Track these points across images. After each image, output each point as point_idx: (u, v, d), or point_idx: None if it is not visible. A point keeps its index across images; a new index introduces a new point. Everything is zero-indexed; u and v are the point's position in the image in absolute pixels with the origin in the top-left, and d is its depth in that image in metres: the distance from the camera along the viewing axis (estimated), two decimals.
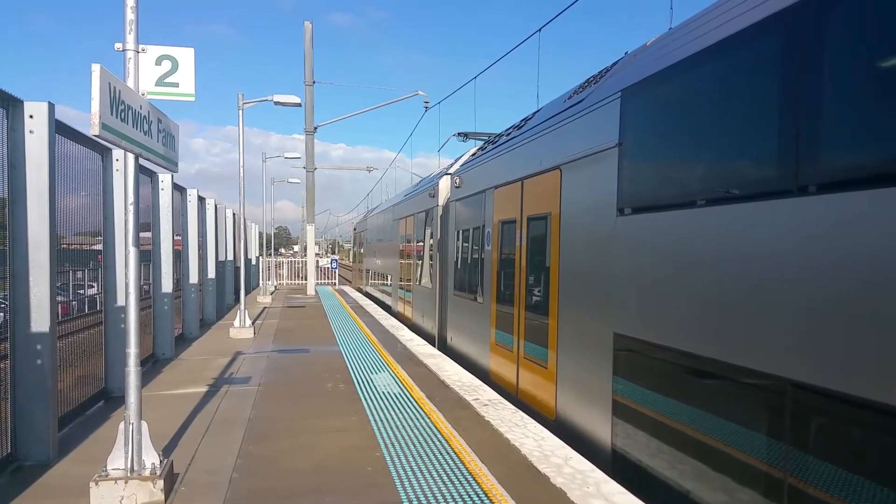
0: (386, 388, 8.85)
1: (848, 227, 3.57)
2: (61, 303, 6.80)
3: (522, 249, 9.08)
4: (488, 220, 10.71)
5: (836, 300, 3.59)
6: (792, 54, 4.15)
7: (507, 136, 10.80)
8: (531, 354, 8.60)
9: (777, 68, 4.31)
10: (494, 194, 10.43)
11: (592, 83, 7.83)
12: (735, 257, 4.51)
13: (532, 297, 8.64)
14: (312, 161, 29.13)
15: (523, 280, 8.97)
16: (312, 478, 5.44)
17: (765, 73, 4.45)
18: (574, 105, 7.65)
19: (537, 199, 8.50)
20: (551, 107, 9.16)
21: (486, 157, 11.39)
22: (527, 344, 8.80)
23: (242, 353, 11.92)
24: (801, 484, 3.72)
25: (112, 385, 8.10)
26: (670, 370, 5.31)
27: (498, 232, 10.21)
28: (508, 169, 9.83)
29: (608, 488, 5.17)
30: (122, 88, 4.49)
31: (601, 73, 7.92)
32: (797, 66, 4.09)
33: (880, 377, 3.14)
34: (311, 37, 27.56)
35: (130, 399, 4.90)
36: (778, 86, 4.28)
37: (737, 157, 4.77)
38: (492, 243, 10.51)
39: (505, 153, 10.18)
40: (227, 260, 21.10)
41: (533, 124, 9.31)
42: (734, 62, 4.79)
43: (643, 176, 5.97)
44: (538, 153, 8.54)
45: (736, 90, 4.78)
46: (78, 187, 7.05)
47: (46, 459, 5.70)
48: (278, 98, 15.97)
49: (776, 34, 4.29)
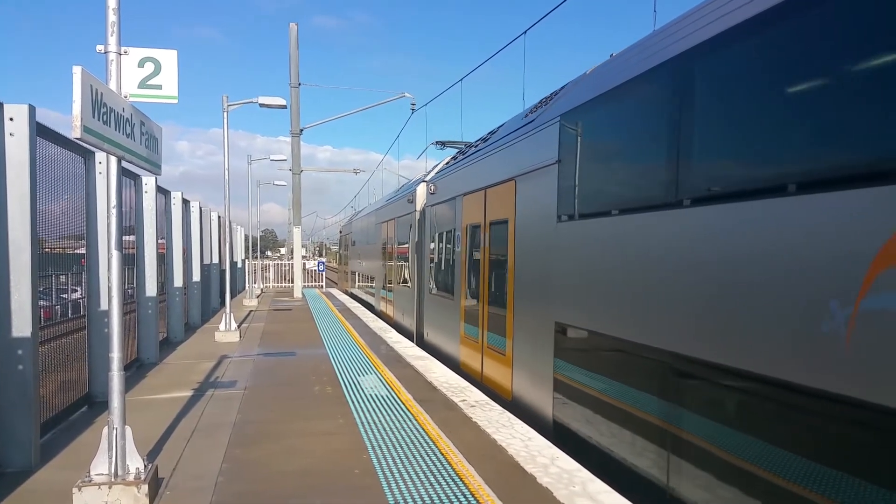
0: (373, 391, 8.84)
1: (711, 232, 4.72)
2: (44, 307, 6.73)
3: (486, 251, 10.15)
4: (458, 224, 11.76)
5: (707, 291, 4.70)
6: (663, 98, 5.56)
7: (475, 147, 12.01)
8: (493, 344, 9.69)
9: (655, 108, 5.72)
10: (463, 201, 11.46)
11: (543, 105, 8.97)
12: (637, 258, 5.69)
13: (493, 294, 9.73)
14: (299, 163, 29.05)
15: (486, 279, 10.08)
16: (299, 481, 5.42)
17: (649, 112, 5.82)
18: (526, 125, 8.77)
19: (497, 206, 9.56)
20: (511, 123, 10.27)
21: (456, 167, 12.51)
22: (489, 335, 9.88)
23: (228, 356, 11.85)
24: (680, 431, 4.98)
25: (96, 390, 8.02)
26: (595, 350, 6.57)
27: (466, 235, 11.27)
28: (474, 178, 10.91)
29: (594, 487, 5.20)
30: (105, 91, 4.45)
31: (551, 95, 9.06)
32: (669, 107, 5.42)
33: (728, 348, 4.42)
34: (296, 38, 27.49)
35: (114, 404, 4.86)
36: (657, 122, 5.61)
37: (636, 177, 6.08)
38: (461, 246, 11.57)
39: (472, 164, 11.26)
40: (213, 263, 20.98)
41: (496, 138, 10.42)
42: (629, 101, 6.20)
43: (574, 188, 7.09)
44: (498, 165, 9.68)
45: (631, 123, 6.15)
46: (60, 191, 6.98)
47: (28, 466, 5.64)
48: (263, 100, 15.91)
49: (647, 83, 5.82)
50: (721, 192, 4.73)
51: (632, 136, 6.15)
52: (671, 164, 5.27)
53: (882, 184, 3.32)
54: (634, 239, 5.78)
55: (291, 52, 27.51)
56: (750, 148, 4.48)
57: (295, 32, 27.52)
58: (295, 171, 29.11)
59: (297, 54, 27.55)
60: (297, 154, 28.85)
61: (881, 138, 3.50)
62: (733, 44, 4.63)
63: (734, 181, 4.63)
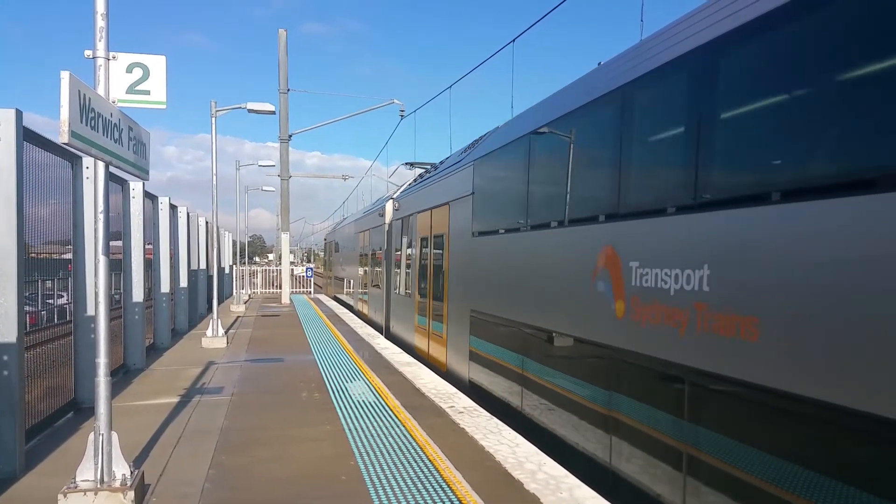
0: (361, 397, 8.83)
1: (539, 246, 7.88)
2: (29, 313, 6.69)
3: (431, 258, 13.21)
4: (413, 236, 14.89)
5: (537, 285, 7.85)
6: (517, 163, 8.75)
7: (429, 174, 15.57)
8: (435, 329, 12.81)
9: (512, 168, 8.96)
10: (417, 217, 14.55)
11: (471, 146, 12.39)
12: (508, 263, 8.87)
13: (436, 292, 12.77)
14: (287, 169, 29.02)
15: (432, 280, 13.18)
16: (286, 487, 5.41)
17: (510, 170, 9.03)
18: (458, 162, 12.06)
19: (439, 222, 12.55)
20: (452, 157, 13.80)
21: (413, 189, 16.06)
22: (433, 323, 12.99)
23: (215, 362, 11.79)
24: (528, 374, 8.08)
25: (82, 396, 7.97)
26: (490, 327, 9.54)
27: (418, 245, 14.38)
28: (424, 200, 14.03)
29: (581, 493, 5.23)
30: (93, 96, 4.45)
31: (480, 138, 12.35)
32: (520, 168, 8.55)
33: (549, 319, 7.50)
34: (285, 44, 27.50)
35: (100, 409, 4.83)
36: (514, 177, 8.79)
37: (512, 208, 8.81)
38: (415, 254, 14.64)
39: (423, 188, 14.50)
40: (200, 269, 20.87)
41: (441, 168, 13.93)
42: (499, 161, 9.54)
43: (481, 213, 10.15)
44: (439, 191, 12.74)
45: (503, 174, 9.45)
46: (47, 196, 6.95)
47: (13, 472, 5.59)
48: (252, 106, 15.90)
49: (506, 152, 9.25)
50: (539, 223, 7.91)
51: (503, 182, 9.46)
52: (522, 203, 8.45)
53: (592, 223, 6.53)
54: (507, 250, 9.01)
55: (280, 58, 27.52)
56: (553, 201, 7.68)
57: (284, 38, 27.53)
58: (283, 176, 29.07)
59: (286, 60, 27.56)
60: (286, 160, 28.82)
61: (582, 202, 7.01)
62: (551, 133, 7.71)
63: (543, 217, 7.80)
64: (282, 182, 29.24)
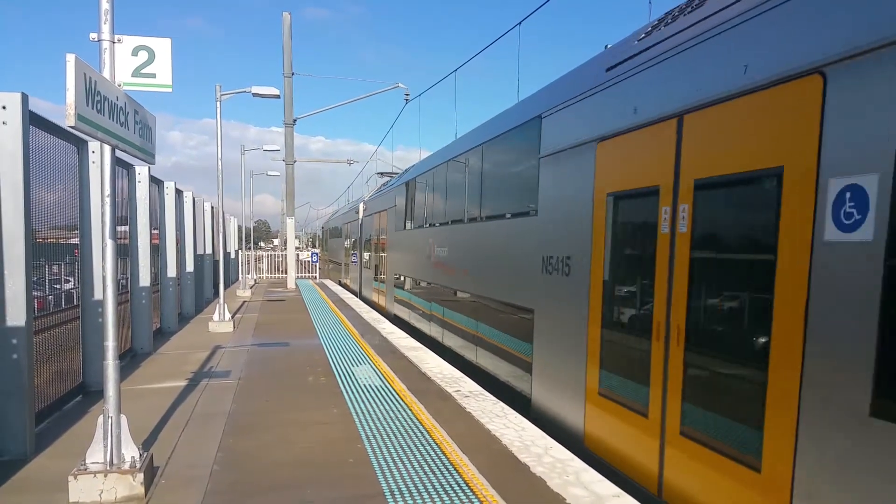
0: (367, 381, 8.87)
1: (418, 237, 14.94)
2: (37, 297, 6.71)
3: (381, 244, 20.37)
4: (372, 231, 22.37)
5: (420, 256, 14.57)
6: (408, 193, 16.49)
7: (385, 185, 22.42)
8: (379, 287, 20.90)
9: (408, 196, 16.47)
10: (374, 217, 21.94)
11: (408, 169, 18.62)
12: (408, 246, 16.06)
13: (382, 263, 20.11)
14: (292, 154, 28.94)
15: (380, 258, 20.58)
16: (293, 470, 5.45)
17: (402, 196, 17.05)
18: (401, 176, 19.02)
19: (382, 221, 19.98)
20: (399, 176, 20.66)
21: (374, 196, 23.74)
22: (379, 284, 20.75)
23: (222, 346, 11.86)
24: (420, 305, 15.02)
25: (90, 380, 8.02)
26: (403, 282, 16.85)
27: (376, 235, 21.48)
28: (377, 206, 21.46)
29: (587, 477, 5.25)
30: (98, 79, 4.43)
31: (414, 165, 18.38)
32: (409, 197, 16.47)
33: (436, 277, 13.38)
34: (289, 27, 27.32)
35: (109, 393, 4.86)
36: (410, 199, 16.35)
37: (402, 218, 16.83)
38: (374, 241, 21.95)
39: (377, 198, 22.00)
40: (206, 253, 20.90)
41: (389, 184, 21.16)
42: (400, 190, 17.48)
43: (396, 218, 17.56)
44: (385, 199, 19.81)
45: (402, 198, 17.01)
46: (54, 180, 6.95)
47: (23, 454, 5.64)
48: (257, 90, 15.84)
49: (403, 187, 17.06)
50: (413, 227, 15.45)
51: (402, 202, 16.79)
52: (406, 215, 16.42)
53: (425, 227, 14.46)
54: (406, 239, 16.22)
55: (284, 42, 27.34)
56: (417, 215, 15.28)
57: (288, 21, 27.33)
58: (288, 161, 29.00)
59: (290, 44, 27.38)
60: (291, 144, 28.72)
61: None
62: (413, 181, 15.85)
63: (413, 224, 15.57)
64: (286, 167, 29.17)
